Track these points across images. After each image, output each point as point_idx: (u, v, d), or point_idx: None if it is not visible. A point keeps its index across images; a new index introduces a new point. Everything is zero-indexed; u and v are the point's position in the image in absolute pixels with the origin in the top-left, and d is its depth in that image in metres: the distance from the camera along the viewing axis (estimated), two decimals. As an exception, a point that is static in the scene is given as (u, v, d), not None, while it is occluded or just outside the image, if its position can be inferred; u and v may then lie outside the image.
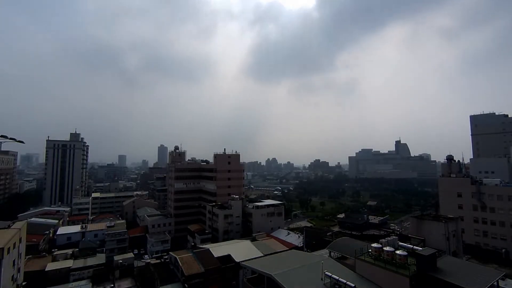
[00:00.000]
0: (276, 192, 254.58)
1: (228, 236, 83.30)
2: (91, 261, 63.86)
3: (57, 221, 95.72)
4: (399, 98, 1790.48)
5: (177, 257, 57.00)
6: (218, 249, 62.19)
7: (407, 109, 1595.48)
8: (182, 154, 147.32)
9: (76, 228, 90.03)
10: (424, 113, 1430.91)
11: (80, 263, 62.23)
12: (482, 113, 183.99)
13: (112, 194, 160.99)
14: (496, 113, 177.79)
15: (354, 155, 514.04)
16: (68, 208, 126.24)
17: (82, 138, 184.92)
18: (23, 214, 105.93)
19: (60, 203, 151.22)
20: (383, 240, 41.18)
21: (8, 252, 39.36)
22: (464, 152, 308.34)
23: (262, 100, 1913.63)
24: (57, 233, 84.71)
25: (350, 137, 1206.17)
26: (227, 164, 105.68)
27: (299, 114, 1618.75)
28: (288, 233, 79.70)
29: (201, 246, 68.14)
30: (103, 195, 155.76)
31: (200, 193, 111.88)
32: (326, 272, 34.19)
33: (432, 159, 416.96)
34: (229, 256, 58.42)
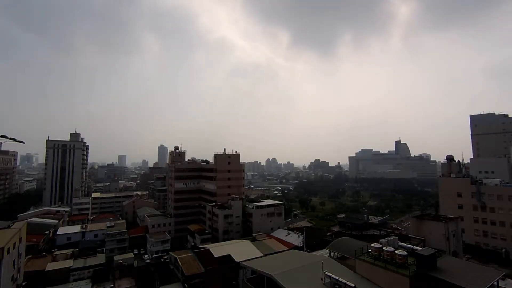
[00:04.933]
0: (276, 192, 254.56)
1: (228, 236, 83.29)
2: (91, 261, 64.00)
3: (57, 221, 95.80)
4: (399, 98, 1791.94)
5: (177, 257, 57.10)
6: (218, 249, 62.23)
7: (407, 109, 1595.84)
8: (182, 154, 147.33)
9: (76, 228, 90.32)
10: (424, 113, 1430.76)
11: (80, 263, 62.33)
12: (482, 113, 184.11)
13: (112, 194, 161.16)
14: (496, 113, 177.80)
15: (354, 155, 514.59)
16: (68, 208, 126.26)
17: (82, 138, 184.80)
18: (23, 214, 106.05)
19: (60, 203, 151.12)
20: (383, 240, 41.19)
21: (8, 252, 39.36)
22: (464, 152, 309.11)
23: (260, 98, 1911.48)
24: (57, 233, 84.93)
25: (350, 137, 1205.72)
26: (227, 164, 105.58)
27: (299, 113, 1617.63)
28: (288, 233, 79.62)
29: (201, 246, 68.23)
30: (103, 195, 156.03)
31: (200, 193, 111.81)
32: (326, 272, 34.21)
33: (432, 159, 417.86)
34: (229, 256, 58.44)
